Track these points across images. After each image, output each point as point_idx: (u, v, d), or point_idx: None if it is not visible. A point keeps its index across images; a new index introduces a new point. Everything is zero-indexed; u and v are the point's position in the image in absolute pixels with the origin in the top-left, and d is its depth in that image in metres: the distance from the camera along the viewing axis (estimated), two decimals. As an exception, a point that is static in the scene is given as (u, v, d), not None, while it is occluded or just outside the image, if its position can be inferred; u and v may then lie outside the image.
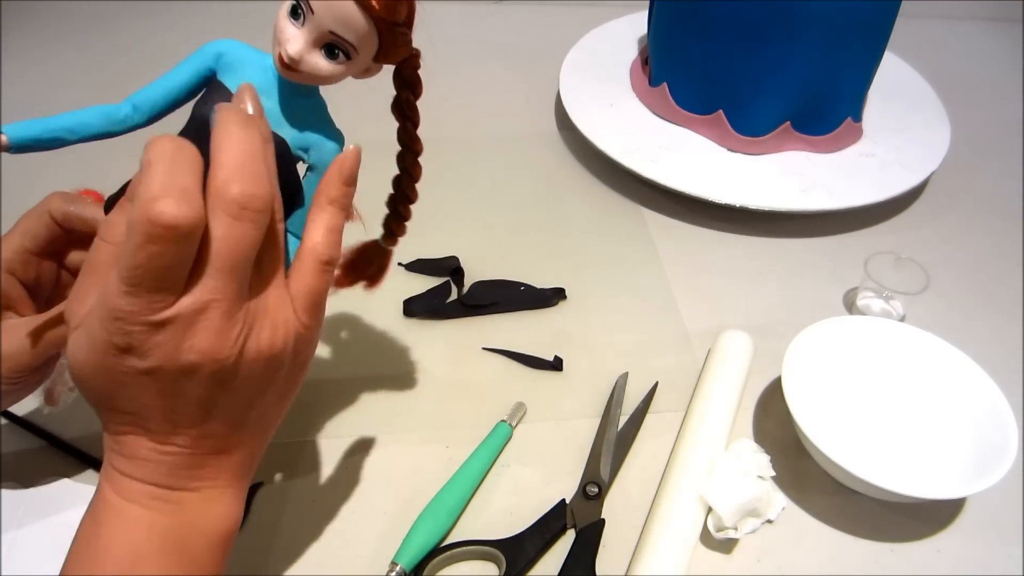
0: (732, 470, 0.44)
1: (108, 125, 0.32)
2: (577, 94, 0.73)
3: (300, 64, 0.30)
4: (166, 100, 0.32)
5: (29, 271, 0.38)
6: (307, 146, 0.33)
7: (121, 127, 0.32)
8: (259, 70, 0.32)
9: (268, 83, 0.32)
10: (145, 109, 0.32)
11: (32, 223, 0.38)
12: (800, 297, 0.59)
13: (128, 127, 0.32)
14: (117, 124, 0.32)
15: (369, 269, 0.42)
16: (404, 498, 0.44)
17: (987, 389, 0.47)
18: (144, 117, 0.32)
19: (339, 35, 0.29)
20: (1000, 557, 0.44)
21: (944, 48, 0.92)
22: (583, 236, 0.63)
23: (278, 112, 0.32)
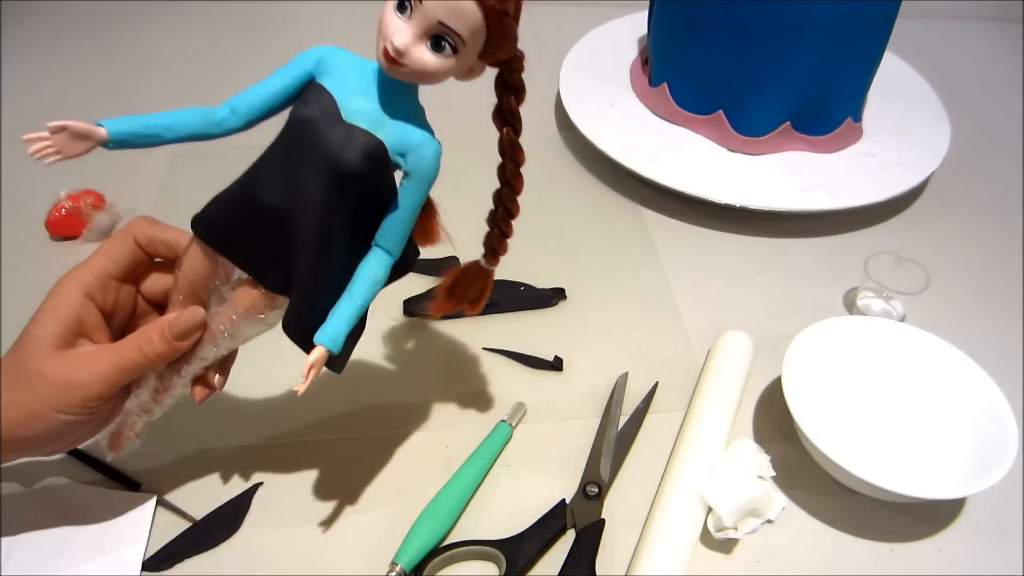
0: (732, 470, 0.44)
1: (205, 126, 0.32)
2: (577, 94, 0.73)
3: (405, 56, 0.29)
4: (264, 104, 0.32)
5: (108, 296, 0.37)
6: (405, 151, 0.32)
7: (218, 129, 0.32)
8: (358, 71, 0.32)
9: (367, 84, 0.32)
10: (242, 112, 0.32)
11: (116, 247, 0.37)
12: (800, 297, 0.59)
13: (225, 129, 0.32)
14: (214, 126, 0.32)
15: (470, 292, 0.41)
16: (404, 498, 0.44)
17: (987, 389, 0.47)
18: (241, 120, 0.32)
19: (447, 25, 0.29)
20: (1000, 557, 0.44)
21: (944, 48, 0.92)
22: (583, 236, 0.63)
23: (378, 112, 0.32)
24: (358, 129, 0.31)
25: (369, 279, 0.34)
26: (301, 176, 0.32)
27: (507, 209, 0.37)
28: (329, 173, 0.31)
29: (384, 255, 0.34)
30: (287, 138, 0.32)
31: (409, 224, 0.34)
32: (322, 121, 0.31)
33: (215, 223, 0.34)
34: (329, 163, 0.31)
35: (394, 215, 0.34)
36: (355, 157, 0.31)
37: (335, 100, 0.31)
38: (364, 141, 0.31)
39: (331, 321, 0.34)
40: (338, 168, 0.31)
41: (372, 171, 0.32)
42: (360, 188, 0.32)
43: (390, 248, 0.34)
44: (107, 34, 0.85)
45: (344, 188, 0.32)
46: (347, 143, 0.31)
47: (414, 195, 0.33)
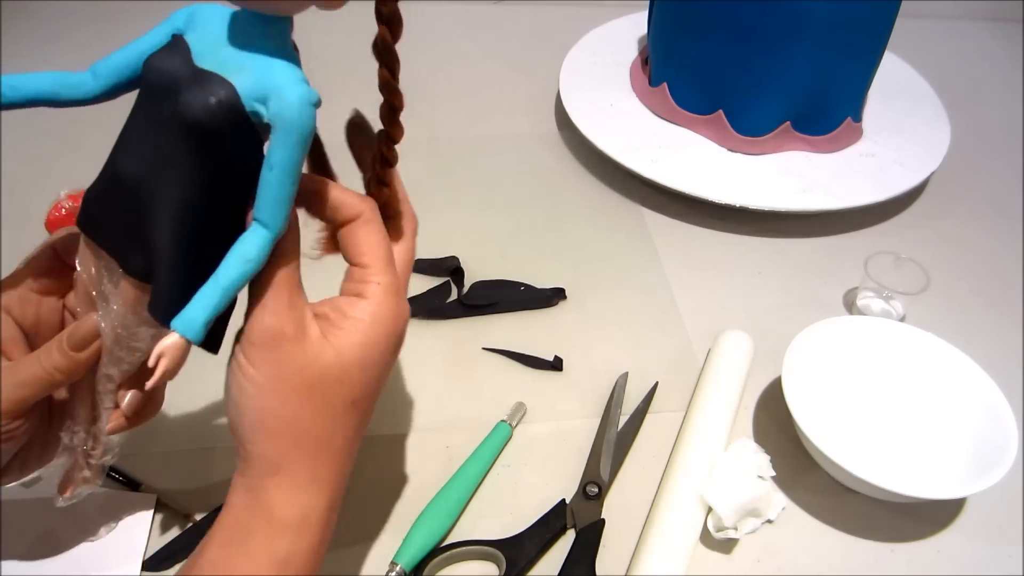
0: (732, 470, 0.44)
1: (57, 87, 0.29)
2: (577, 94, 0.73)
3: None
4: (125, 65, 0.29)
5: (27, 310, 0.35)
6: (265, 95, 0.27)
7: (73, 92, 0.29)
8: (222, 20, 0.28)
9: (229, 29, 0.28)
10: (102, 74, 0.29)
11: (34, 259, 0.35)
12: (800, 297, 0.59)
13: (82, 93, 0.29)
14: (68, 88, 0.29)
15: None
16: (404, 498, 0.44)
17: (987, 389, 0.47)
18: (101, 84, 0.29)
19: None
20: (1000, 557, 0.44)
21: (944, 48, 0.92)
22: (583, 236, 0.63)
23: (235, 56, 0.28)
24: (207, 73, 0.27)
25: (238, 255, 0.29)
26: (153, 137, 0.28)
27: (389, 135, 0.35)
28: (178, 127, 0.27)
29: (259, 229, 0.29)
30: (140, 97, 0.29)
31: (282, 189, 0.28)
32: (170, 69, 0.27)
33: (89, 210, 0.31)
34: (175, 114, 0.27)
35: (264, 178, 0.28)
36: (200, 103, 0.27)
37: (190, 48, 0.28)
38: (213, 87, 0.27)
39: (190, 304, 0.29)
40: (184, 119, 0.27)
41: (221, 120, 0.27)
42: (216, 145, 0.28)
43: (264, 219, 0.29)
44: (107, 34, 0.85)
45: (197, 145, 0.28)
46: (193, 88, 0.27)
47: (280, 150, 0.28)
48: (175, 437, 0.46)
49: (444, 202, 0.65)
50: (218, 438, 0.47)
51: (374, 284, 0.33)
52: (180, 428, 0.47)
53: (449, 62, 0.83)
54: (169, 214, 0.29)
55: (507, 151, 0.72)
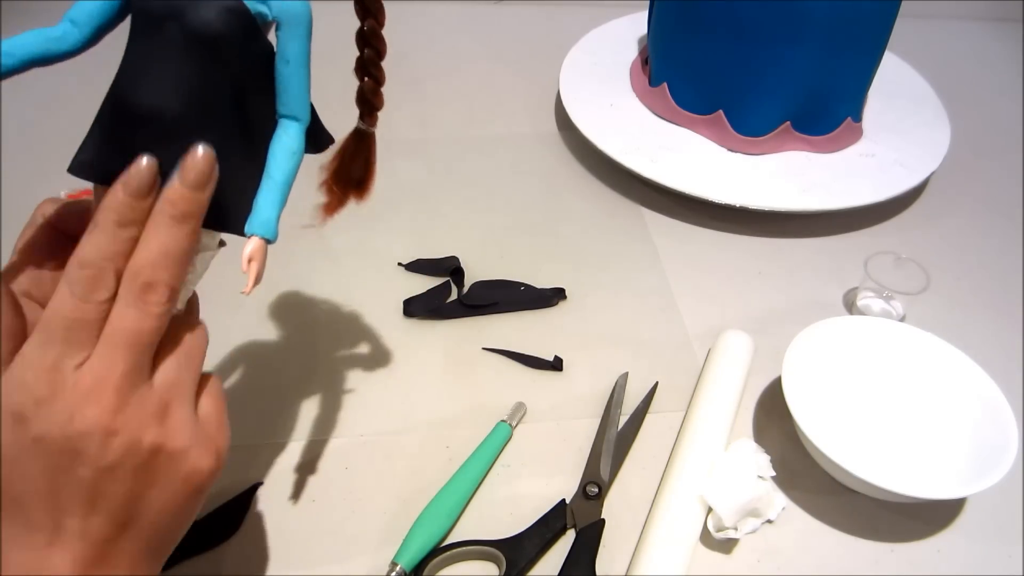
0: (732, 470, 0.44)
1: (44, 43, 0.28)
2: (577, 94, 0.73)
3: None
4: (102, 6, 0.29)
5: (45, 290, 0.33)
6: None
7: (60, 45, 0.29)
8: None
9: None
10: (82, 20, 0.29)
11: (31, 237, 0.34)
12: (800, 297, 0.59)
13: (70, 45, 0.29)
14: (54, 42, 0.28)
15: (355, 169, 0.36)
16: (404, 498, 0.44)
17: (987, 389, 0.47)
18: (84, 30, 0.29)
19: None
20: (1000, 557, 0.44)
21: (944, 48, 0.92)
22: (583, 236, 0.63)
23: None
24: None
25: (283, 151, 0.31)
26: (163, 64, 0.28)
27: (375, 48, 0.33)
28: (190, 46, 0.28)
29: (291, 123, 0.31)
30: (137, 27, 0.29)
31: (303, 80, 0.30)
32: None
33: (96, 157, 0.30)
34: (186, 34, 0.28)
35: (283, 74, 0.30)
36: (211, 15, 0.27)
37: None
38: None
39: (258, 207, 0.31)
40: (198, 35, 0.28)
41: (234, 27, 0.28)
42: (232, 54, 0.29)
43: (293, 112, 0.31)
44: (107, 34, 0.85)
45: (213, 58, 0.28)
46: (197, 5, 0.27)
47: (294, 41, 0.29)
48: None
49: (444, 202, 0.65)
50: (218, 438, 0.47)
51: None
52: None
53: (449, 62, 0.83)
54: (208, 133, 0.29)
55: (507, 151, 0.72)
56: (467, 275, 0.58)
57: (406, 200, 0.65)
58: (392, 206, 0.64)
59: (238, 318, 0.52)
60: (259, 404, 0.49)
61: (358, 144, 0.35)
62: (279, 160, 0.31)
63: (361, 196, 0.37)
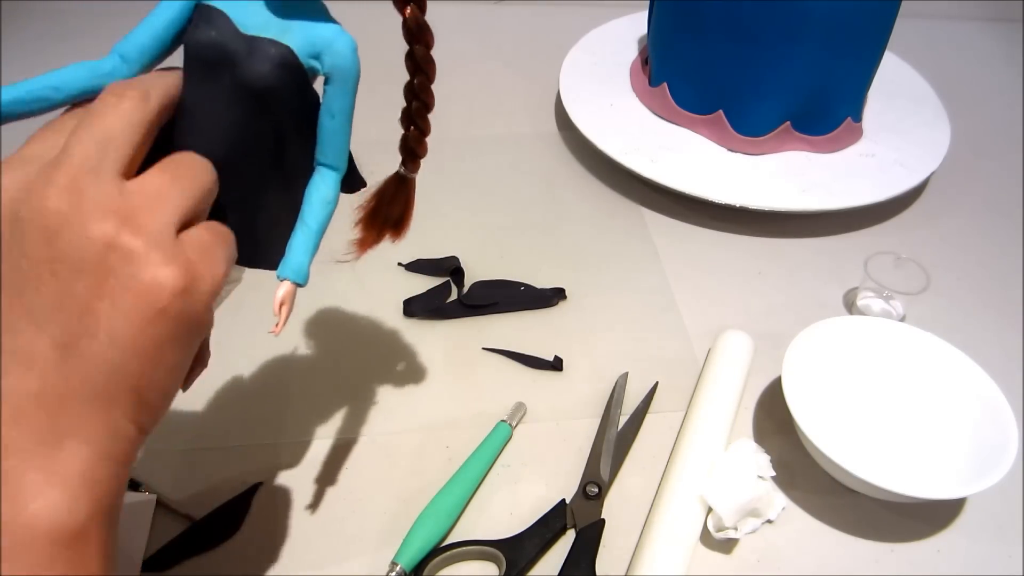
0: (732, 470, 0.44)
1: (94, 79, 0.29)
2: (577, 94, 0.73)
3: None
4: (153, 42, 0.29)
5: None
6: (318, 51, 0.29)
7: (110, 80, 0.29)
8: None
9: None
10: (132, 57, 0.29)
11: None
12: (800, 297, 0.59)
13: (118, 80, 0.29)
14: (104, 77, 0.29)
15: (393, 211, 0.37)
16: (404, 498, 0.44)
17: (987, 389, 0.47)
18: (133, 66, 0.29)
19: None
20: (1000, 557, 0.44)
21: (944, 48, 0.92)
22: (583, 236, 0.63)
23: (279, 18, 0.29)
24: (262, 39, 0.28)
25: (319, 200, 0.32)
26: (216, 112, 0.29)
27: (422, 102, 0.33)
28: (243, 96, 0.28)
29: (329, 172, 0.32)
30: (190, 69, 0.29)
31: (345, 132, 0.31)
32: (221, 40, 0.28)
33: None
34: (239, 84, 0.28)
35: (327, 126, 0.31)
36: (265, 69, 0.28)
37: (228, 17, 0.28)
38: (272, 50, 0.28)
39: (291, 252, 0.32)
40: (250, 85, 0.28)
41: (286, 81, 0.29)
42: (282, 105, 0.29)
43: (332, 163, 0.32)
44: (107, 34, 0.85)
45: (264, 108, 0.29)
46: (253, 56, 0.28)
47: (341, 98, 0.30)
48: (175, 437, 0.46)
49: (444, 202, 0.65)
50: (218, 438, 0.47)
51: None
52: (180, 428, 0.47)
53: (449, 62, 0.83)
54: (248, 177, 0.30)
55: (507, 151, 0.72)
56: (467, 275, 0.58)
57: (406, 200, 0.65)
58: (392, 206, 0.64)
59: (238, 318, 0.52)
60: (259, 404, 0.49)
61: (398, 187, 0.36)
62: (315, 208, 0.32)
63: (398, 235, 0.38)
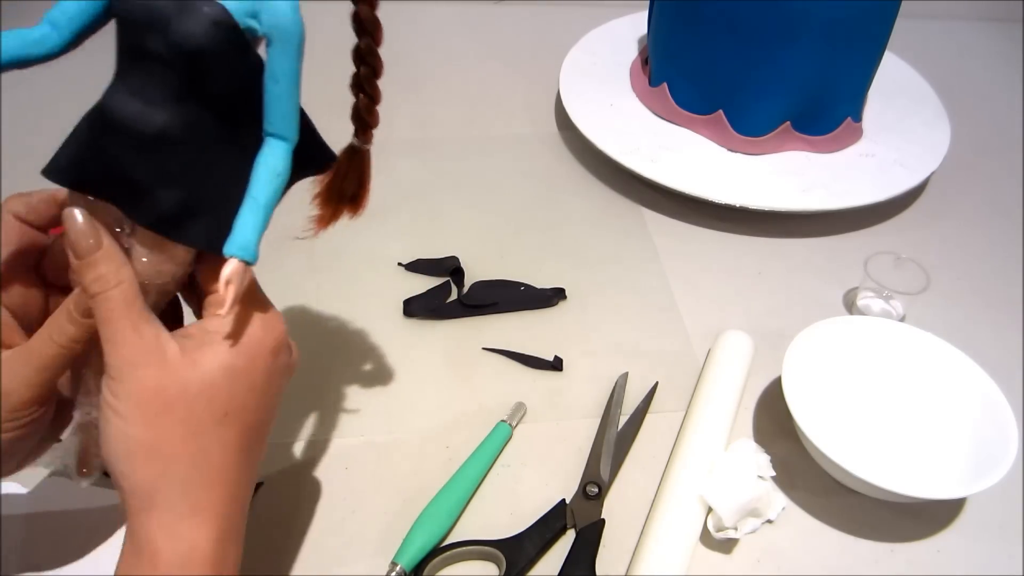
0: (732, 470, 0.44)
1: (23, 47, 0.28)
2: (577, 94, 0.73)
3: None
4: (84, 9, 0.28)
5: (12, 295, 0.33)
6: (256, 10, 0.27)
7: (40, 48, 0.28)
8: None
9: None
10: (62, 23, 0.28)
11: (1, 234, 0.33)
12: (800, 297, 0.59)
13: (48, 48, 0.28)
14: (33, 45, 0.28)
15: (348, 185, 0.35)
16: (404, 498, 0.44)
17: (987, 389, 0.47)
18: (64, 34, 0.28)
19: None
20: (1000, 557, 0.44)
21: (944, 48, 0.92)
22: (583, 236, 0.63)
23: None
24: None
25: (267, 171, 0.30)
26: (148, 76, 0.27)
27: (371, 66, 0.32)
28: (175, 58, 0.27)
29: (277, 143, 0.30)
30: (121, 34, 0.28)
31: (292, 99, 0.29)
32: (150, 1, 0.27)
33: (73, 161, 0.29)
34: (171, 46, 0.27)
35: (272, 92, 0.29)
36: (196, 29, 0.26)
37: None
38: (202, 8, 0.26)
39: (238, 228, 0.29)
40: (182, 48, 0.27)
41: (221, 42, 0.27)
42: (218, 69, 0.28)
43: (281, 131, 0.29)
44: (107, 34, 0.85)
45: (199, 72, 0.27)
46: (183, 15, 0.26)
47: (284, 60, 0.28)
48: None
49: (444, 202, 0.65)
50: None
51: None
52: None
53: (449, 62, 0.83)
54: (189, 147, 0.29)
55: (507, 151, 0.72)
56: (467, 275, 0.58)
57: (406, 200, 0.65)
58: (392, 206, 0.64)
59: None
60: (259, 404, 0.49)
61: (351, 160, 0.35)
62: (262, 180, 0.30)
63: (355, 211, 0.36)
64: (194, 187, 0.30)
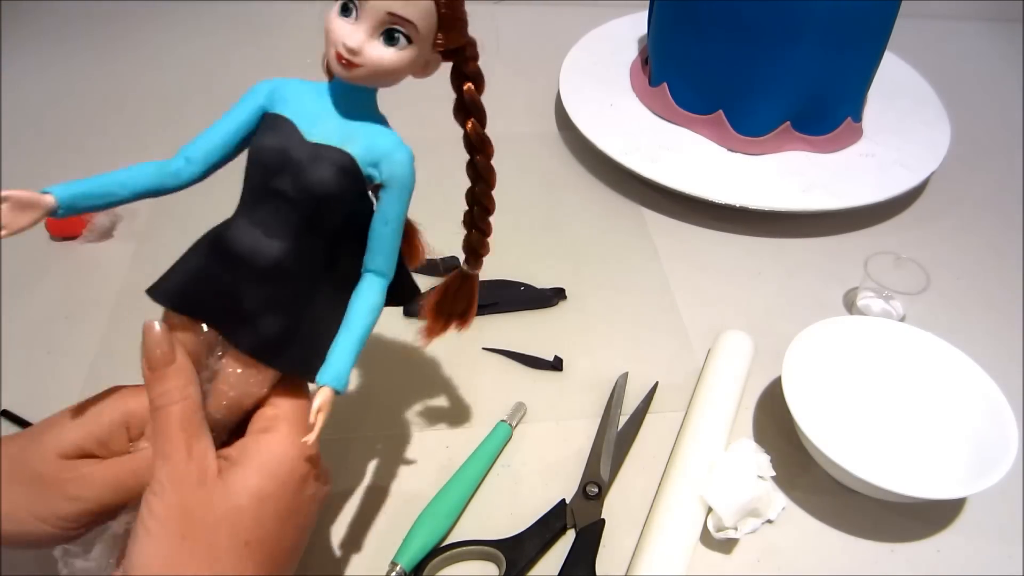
0: (732, 470, 0.44)
1: (161, 178, 0.30)
2: (577, 94, 0.73)
3: (360, 55, 0.28)
4: (220, 147, 0.31)
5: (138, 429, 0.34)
6: (377, 160, 0.30)
7: (175, 180, 0.30)
8: (312, 94, 0.31)
9: (324, 103, 0.30)
10: (197, 159, 0.31)
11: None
12: (800, 297, 0.59)
13: (183, 180, 0.31)
14: (170, 177, 0.30)
15: (458, 305, 0.39)
16: (404, 498, 0.44)
17: (987, 389, 0.47)
18: (198, 167, 0.31)
19: (398, 14, 0.28)
20: (1000, 557, 0.44)
21: (944, 48, 0.92)
22: (583, 236, 0.63)
23: (341, 127, 0.30)
24: (324, 146, 0.30)
25: (366, 306, 0.32)
26: (274, 213, 0.30)
27: (483, 207, 0.35)
28: (301, 197, 0.30)
29: (376, 279, 0.33)
30: (251, 175, 0.30)
31: (395, 240, 0.32)
32: (285, 147, 0.29)
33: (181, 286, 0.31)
34: (300, 187, 0.29)
35: (378, 232, 0.32)
36: (327, 175, 0.29)
37: (295, 124, 0.30)
38: (333, 157, 0.30)
39: (333, 357, 0.32)
40: (311, 190, 0.29)
41: (346, 188, 0.30)
42: (340, 210, 0.30)
43: (381, 269, 0.33)
44: (107, 34, 0.85)
45: (322, 212, 0.30)
46: (315, 162, 0.29)
47: (394, 206, 0.32)
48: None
49: (444, 202, 0.65)
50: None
51: (281, 420, 0.32)
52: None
53: (449, 62, 0.83)
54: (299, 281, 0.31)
55: (507, 151, 0.71)
56: (467, 275, 0.58)
57: (406, 200, 0.65)
58: (392, 206, 0.64)
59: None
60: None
61: (462, 283, 0.39)
62: (360, 314, 0.32)
63: (463, 325, 0.40)
64: (296, 316, 0.31)
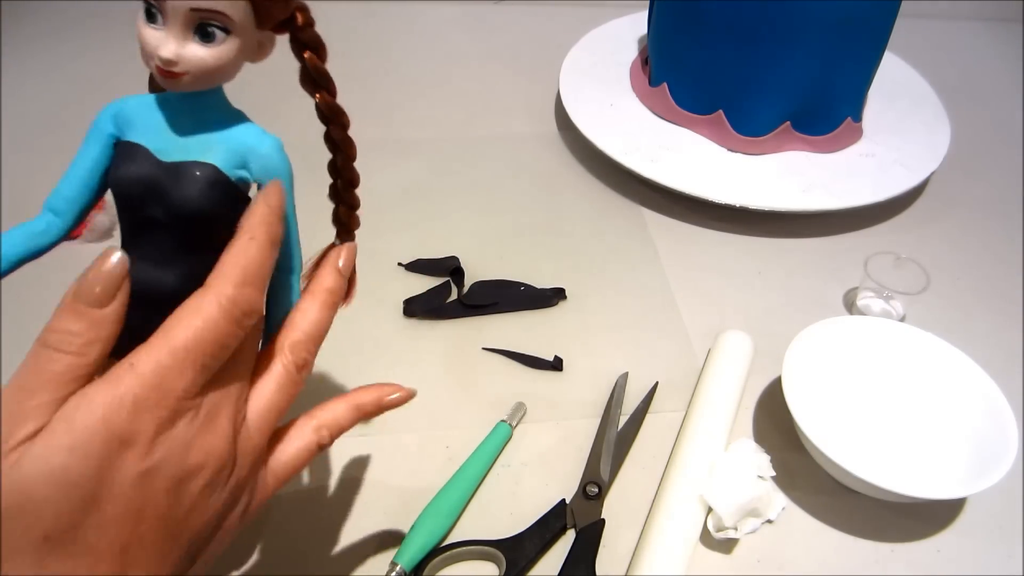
0: (732, 470, 0.44)
1: (32, 240, 0.28)
2: (577, 94, 0.73)
3: (181, 63, 0.26)
4: (82, 191, 0.29)
5: None
6: (242, 160, 0.28)
7: (47, 239, 0.29)
8: (155, 109, 0.28)
9: (170, 116, 0.28)
10: (63, 208, 0.29)
11: None
12: (800, 297, 0.59)
13: (55, 236, 0.29)
14: (40, 236, 0.28)
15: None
16: (404, 498, 0.44)
17: (987, 389, 0.47)
18: (68, 218, 0.29)
19: (201, 8, 0.25)
20: (1000, 557, 0.44)
21: (944, 48, 0.92)
22: (583, 236, 0.63)
23: (195, 137, 0.28)
24: (183, 164, 0.27)
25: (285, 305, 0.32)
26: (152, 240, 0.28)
27: (347, 180, 0.33)
28: (176, 222, 0.28)
29: (287, 276, 0.32)
30: (121, 209, 0.28)
31: (292, 232, 0.31)
32: (143, 174, 0.27)
33: None
34: (171, 212, 0.27)
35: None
36: (193, 193, 0.27)
37: (147, 149, 0.28)
38: (194, 173, 0.27)
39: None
40: (181, 212, 0.27)
41: (217, 199, 0.28)
42: (216, 223, 0.28)
43: (289, 266, 0.32)
44: (107, 34, 0.85)
45: (200, 230, 0.28)
46: (179, 182, 0.27)
47: None
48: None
49: (444, 202, 0.65)
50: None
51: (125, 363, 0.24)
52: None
53: (449, 62, 0.83)
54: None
55: (507, 151, 0.72)
56: (467, 275, 0.58)
57: (406, 200, 0.65)
58: (392, 206, 0.64)
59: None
60: (259, 404, 0.49)
61: None
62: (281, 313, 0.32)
63: (346, 302, 0.37)
64: None
